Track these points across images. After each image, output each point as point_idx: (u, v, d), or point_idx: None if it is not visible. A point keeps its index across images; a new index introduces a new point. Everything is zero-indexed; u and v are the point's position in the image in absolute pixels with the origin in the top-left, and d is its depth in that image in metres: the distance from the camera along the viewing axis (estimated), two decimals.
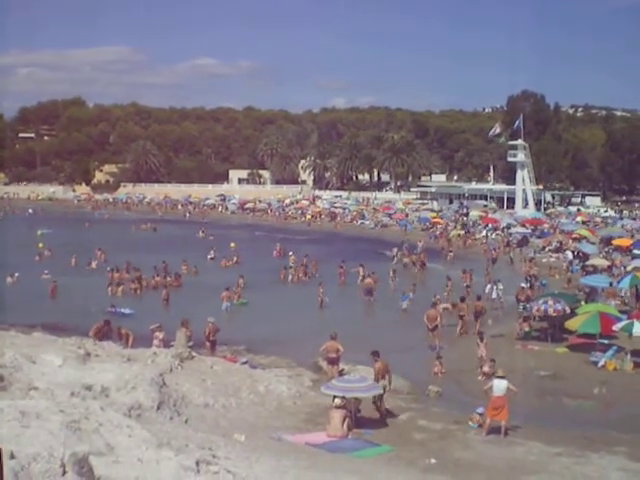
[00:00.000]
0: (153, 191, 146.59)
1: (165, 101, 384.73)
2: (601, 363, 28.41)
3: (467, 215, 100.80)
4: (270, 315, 38.14)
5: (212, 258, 58.61)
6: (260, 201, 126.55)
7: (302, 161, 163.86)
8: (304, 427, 20.35)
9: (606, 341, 30.21)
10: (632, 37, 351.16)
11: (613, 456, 18.95)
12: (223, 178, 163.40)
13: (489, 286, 41.01)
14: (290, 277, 50.45)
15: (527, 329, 32.98)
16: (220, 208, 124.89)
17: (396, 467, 17.10)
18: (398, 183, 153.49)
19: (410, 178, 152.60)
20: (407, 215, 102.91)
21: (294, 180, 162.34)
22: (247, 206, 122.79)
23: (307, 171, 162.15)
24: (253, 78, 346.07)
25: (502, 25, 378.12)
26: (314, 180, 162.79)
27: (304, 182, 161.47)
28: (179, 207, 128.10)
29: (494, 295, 39.71)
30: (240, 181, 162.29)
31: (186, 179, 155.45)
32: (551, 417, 23.42)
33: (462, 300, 35.84)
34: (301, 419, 21.02)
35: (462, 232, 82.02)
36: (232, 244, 64.04)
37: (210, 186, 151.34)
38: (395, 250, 61.09)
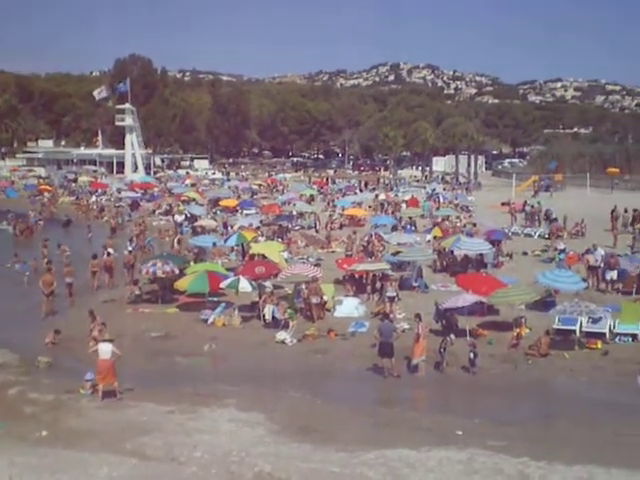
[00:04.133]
0: None
1: None
2: (211, 320, 29.26)
3: (76, 181, 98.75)
4: None
5: None
6: None
7: None
8: None
9: (215, 298, 31.22)
10: None
11: (224, 409, 19.77)
12: None
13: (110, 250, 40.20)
14: None
15: (137, 292, 32.98)
16: None
17: (6, 444, 16.56)
18: (3, 150, 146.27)
19: (15, 144, 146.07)
20: (13, 182, 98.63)
21: None
22: None
23: None
24: None
25: None
26: None
27: None
28: None
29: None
30: None
31: None
32: (164, 377, 23.84)
33: (94, 257, 36.46)
34: None
35: (72, 198, 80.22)
36: None
37: None
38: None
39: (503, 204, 68.15)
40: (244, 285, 29.88)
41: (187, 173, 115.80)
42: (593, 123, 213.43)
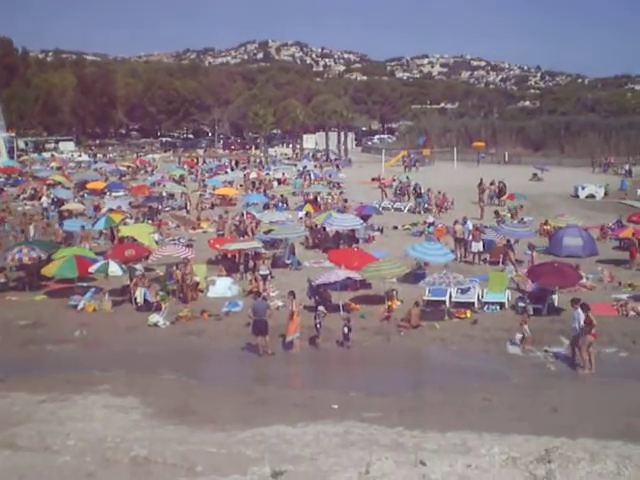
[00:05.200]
0: None
1: None
2: (81, 306, 28.63)
3: None
4: None
5: None
6: None
7: None
8: None
9: (85, 284, 30.55)
10: None
11: (97, 395, 19.45)
12: None
13: None
14: None
15: (3, 280, 31.95)
16: None
17: None
18: None
19: None
20: None
21: None
22: None
23: None
24: None
25: None
26: None
27: None
28: None
29: None
30: None
31: None
32: (35, 365, 23.25)
33: None
34: None
35: None
36: None
37: None
38: None
39: (373, 180, 69.28)
40: (114, 269, 29.41)
41: (52, 156, 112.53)
42: (459, 98, 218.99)
